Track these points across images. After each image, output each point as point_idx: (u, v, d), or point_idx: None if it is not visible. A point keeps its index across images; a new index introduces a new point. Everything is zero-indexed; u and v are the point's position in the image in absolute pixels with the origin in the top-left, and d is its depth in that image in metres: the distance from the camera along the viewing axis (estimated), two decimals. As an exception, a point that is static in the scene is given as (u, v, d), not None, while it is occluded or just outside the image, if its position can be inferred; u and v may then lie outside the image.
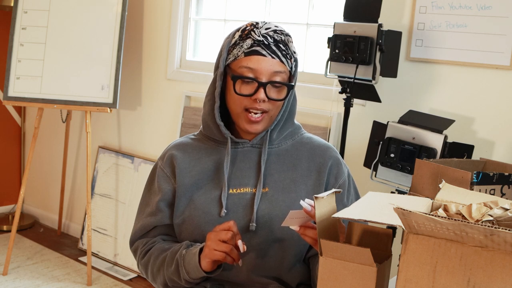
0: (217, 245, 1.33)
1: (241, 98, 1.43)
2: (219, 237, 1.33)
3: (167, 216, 1.51)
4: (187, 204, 1.48)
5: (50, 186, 4.11)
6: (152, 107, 3.49)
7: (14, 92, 3.23)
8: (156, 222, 1.52)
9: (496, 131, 2.30)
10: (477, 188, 1.38)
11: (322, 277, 1.05)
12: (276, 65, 1.42)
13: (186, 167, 1.50)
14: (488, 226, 0.83)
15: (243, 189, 1.47)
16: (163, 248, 1.49)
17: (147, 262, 1.51)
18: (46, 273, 3.31)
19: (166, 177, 1.52)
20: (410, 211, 0.87)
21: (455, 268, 0.88)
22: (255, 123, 1.44)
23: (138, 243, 1.56)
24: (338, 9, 2.71)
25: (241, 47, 1.43)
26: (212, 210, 1.45)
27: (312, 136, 1.59)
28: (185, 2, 3.32)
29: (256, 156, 1.50)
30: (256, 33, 1.43)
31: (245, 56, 1.42)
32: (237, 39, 1.45)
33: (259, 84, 1.41)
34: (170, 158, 1.53)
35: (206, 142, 1.55)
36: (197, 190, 1.48)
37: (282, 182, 1.48)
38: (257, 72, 1.41)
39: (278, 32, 1.44)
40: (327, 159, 1.52)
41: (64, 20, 3.26)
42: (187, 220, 1.48)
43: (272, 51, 1.42)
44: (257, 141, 1.51)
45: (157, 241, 1.52)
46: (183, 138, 1.59)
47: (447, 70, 2.40)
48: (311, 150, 1.54)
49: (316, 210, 1.09)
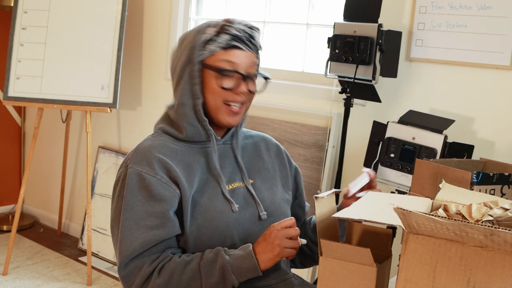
0: (287, 243, 1.34)
1: (222, 92, 1.45)
2: (288, 234, 1.35)
3: (177, 226, 1.41)
4: (196, 209, 1.42)
5: (50, 186, 4.11)
6: (152, 107, 3.49)
7: (14, 92, 3.23)
8: (166, 235, 1.38)
9: (496, 131, 2.30)
10: (477, 188, 1.38)
11: (322, 277, 1.05)
12: (252, 58, 1.48)
13: (180, 171, 1.42)
14: (488, 226, 0.83)
15: (235, 184, 1.51)
16: (186, 261, 1.38)
17: (168, 280, 1.36)
18: (46, 273, 3.31)
19: (162, 183, 1.40)
20: (410, 211, 0.87)
21: (455, 268, 0.88)
22: (236, 114, 1.48)
23: (137, 263, 1.38)
24: (338, 9, 2.71)
25: (218, 43, 1.45)
26: (224, 209, 1.45)
27: (244, 129, 1.67)
28: (185, 2, 3.32)
29: (230, 152, 1.54)
30: (231, 27, 1.46)
31: (223, 50, 1.45)
32: (212, 35, 1.45)
33: (243, 77, 1.46)
34: (159, 162, 1.41)
35: (180, 143, 1.48)
36: (197, 193, 1.44)
37: (259, 172, 1.57)
38: (237, 66, 1.45)
39: (250, 27, 1.50)
40: (275, 145, 1.67)
41: (64, 20, 3.26)
42: (203, 225, 1.42)
43: (248, 45, 1.47)
44: (227, 137, 1.55)
45: (168, 257, 1.39)
46: (150, 142, 1.48)
47: (447, 70, 2.40)
48: (261, 140, 1.65)
49: (316, 210, 1.09)
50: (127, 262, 1.38)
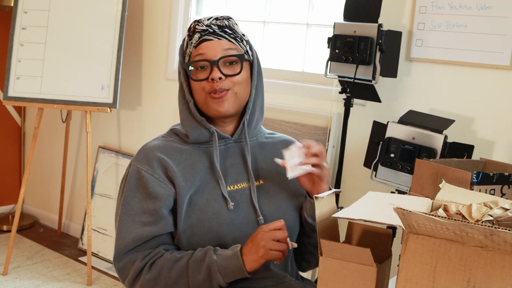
0: (273, 245, 1.33)
1: (202, 85, 1.46)
2: (275, 236, 1.33)
3: (170, 223, 1.44)
4: (191, 209, 1.43)
5: (50, 186, 4.11)
6: (152, 107, 3.49)
7: (14, 92, 3.23)
8: (157, 231, 1.42)
9: (496, 131, 2.30)
10: (477, 188, 1.38)
11: (322, 277, 1.05)
12: (224, 44, 1.46)
13: (178, 170, 1.45)
14: (488, 226, 0.83)
15: (240, 185, 1.49)
16: (176, 258, 1.40)
17: (157, 275, 1.40)
18: (46, 273, 3.31)
19: (159, 182, 1.43)
20: (410, 211, 0.87)
21: (455, 268, 0.88)
22: (221, 101, 1.45)
23: (130, 258, 1.43)
24: (338, 9, 2.71)
25: (191, 44, 1.48)
26: (220, 209, 1.43)
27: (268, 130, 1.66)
28: (185, 2, 3.32)
29: (240, 151, 1.52)
30: (200, 25, 1.48)
31: (195, 48, 1.47)
32: (186, 39, 1.51)
33: (211, 63, 1.44)
34: (158, 161, 1.45)
35: (188, 144, 1.51)
36: (195, 193, 1.44)
37: (271, 174, 1.52)
38: (207, 55, 1.45)
39: (220, 19, 1.49)
40: None
41: (64, 20, 3.26)
42: (196, 225, 1.43)
43: (218, 34, 1.47)
44: (238, 136, 1.52)
45: (160, 252, 1.42)
46: (157, 141, 1.53)
47: (447, 70, 2.40)
48: (281, 141, 1.60)
49: (316, 210, 1.09)
50: (121, 255, 1.43)
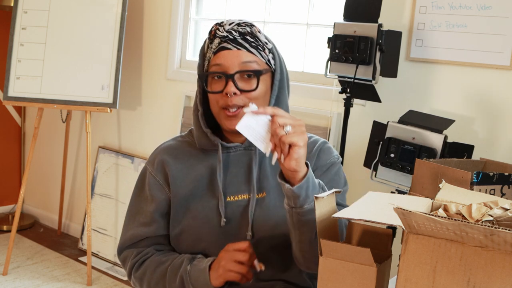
0: (233, 266, 1.30)
1: (217, 97, 1.38)
2: (235, 258, 1.31)
3: (162, 227, 1.46)
4: (184, 214, 1.43)
5: (50, 186, 4.11)
6: (152, 107, 3.49)
7: (14, 92, 3.23)
8: (150, 233, 1.46)
9: (496, 131, 2.30)
10: (477, 188, 1.38)
11: (322, 277, 1.05)
12: (243, 55, 1.37)
13: (179, 174, 1.44)
14: (488, 226, 0.83)
15: (240, 196, 1.43)
16: (160, 261, 1.43)
17: (142, 275, 1.45)
18: (46, 273, 3.31)
19: (158, 185, 1.45)
20: (410, 211, 0.87)
21: (455, 268, 0.88)
22: (234, 118, 1.36)
23: (128, 253, 1.48)
24: (338, 9, 2.71)
25: (211, 49, 1.41)
26: (212, 220, 1.41)
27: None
28: (185, 2, 3.32)
29: (248, 160, 1.45)
30: (221, 30, 1.39)
31: (214, 55, 1.39)
32: (207, 42, 1.43)
33: (226, 77, 1.35)
34: (161, 164, 1.45)
35: (197, 147, 1.48)
36: (193, 199, 1.43)
37: (278, 186, 1.39)
38: (225, 67, 1.36)
39: (242, 25, 1.40)
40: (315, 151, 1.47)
41: (64, 20, 3.26)
42: (186, 231, 1.43)
43: (238, 43, 1.37)
44: (249, 143, 1.43)
45: (150, 252, 1.46)
46: (172, 141, 1.52)
47: (447, 70, 2.40)
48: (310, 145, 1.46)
49: (316, 210, 1.09)
50: (122, 249, 1.50)
